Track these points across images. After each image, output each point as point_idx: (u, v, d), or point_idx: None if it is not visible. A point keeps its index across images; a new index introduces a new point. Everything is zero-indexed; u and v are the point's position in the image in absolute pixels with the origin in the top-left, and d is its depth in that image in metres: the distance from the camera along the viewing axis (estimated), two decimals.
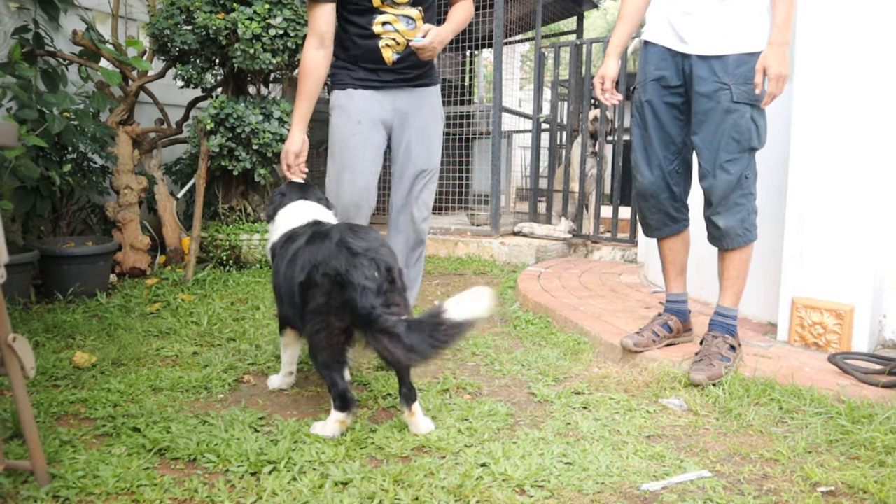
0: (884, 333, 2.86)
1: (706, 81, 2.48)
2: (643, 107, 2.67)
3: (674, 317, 2.83)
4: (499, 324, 3.55)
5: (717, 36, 2.46)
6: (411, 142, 2.77)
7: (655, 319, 2.84)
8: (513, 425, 2.18)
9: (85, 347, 2.84)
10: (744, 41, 2.44)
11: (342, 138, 2.69)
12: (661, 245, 2.84)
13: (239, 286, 4.10)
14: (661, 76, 2.60)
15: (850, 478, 1.80)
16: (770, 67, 2.35)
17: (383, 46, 2.63)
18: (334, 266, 1.96)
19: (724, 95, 2.45)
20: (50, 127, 3.55)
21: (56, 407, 2.20)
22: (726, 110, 2.45)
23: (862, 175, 2.68)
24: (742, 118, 2.45)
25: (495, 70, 5.82)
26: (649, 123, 2.65)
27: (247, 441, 1.94)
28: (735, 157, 2.48)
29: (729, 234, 2.55)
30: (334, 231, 2.09)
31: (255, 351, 2.85)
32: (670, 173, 2.67)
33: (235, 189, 4.84)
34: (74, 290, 3.64)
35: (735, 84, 2.44)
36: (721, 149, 2.48)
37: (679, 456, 1.97)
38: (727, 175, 2.48)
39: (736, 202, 2.51)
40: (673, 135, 2.64)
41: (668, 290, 2.87)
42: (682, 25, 2.52)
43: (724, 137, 2.47)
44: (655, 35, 2.63)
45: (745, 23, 2.44)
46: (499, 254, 5.51)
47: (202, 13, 4.21)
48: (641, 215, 2.81)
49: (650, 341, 2.72)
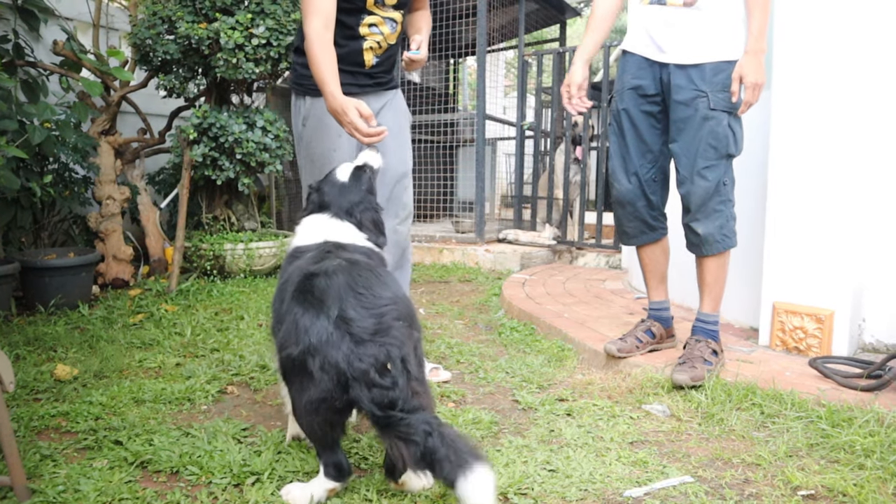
0: (863, 337, 2.89)
1: (683, 89, 2.50)
2: (620, 115, 2.69)
3: (657, 323, 2.85)
4: (483, 331, 3.56)
5: (694, 45, 2.49)
6: (387, 146, 2.63)
7: (638, 325, 2.86)
8: (497, 433, 2.19)
9: (66, 360, 2.82)
10: (720, 49, 2.48)
11: (322, 153, 2.54)
12: (640, 253, 2.85)
13: (223, 296, 4.08)
14: (638, 85, 2.63)
15: (830, 481, 1.82)
16: (746, 76, 2.39)
17: (366, 49, 2.56)
18: (334, 359, 1.54)
19: (701, 103, 2.48)
20: (31, 138, 3.53)
21: (37, 421, 2.18)
22: (704, 117, 2.48)
23: (841, 181, 2.71)
24: (719, 125, 2.48)
25: (478, 78, 5.85)
26: (626, 132, 2.68)
27: (230, 452, 1.93)
28: (713, 164, 2.50)
29: (707, 240, 2.57)
30: (331, 290, 1.61)
31: (239, 361, 2.84)
32: (647, 182, 2.69)
33: (219, 199, 4.83)
34: (56, 302, 3.61)
35: (712, 91, 2.47)
36: (699, 156, 2.50)
37: (662, 461, 1.98)
38: (705, 182, 2.51)
39: (714, 209, 2.54)
40: (650, 143, 2.66)
41: (650, 298, 2.89)
42: (659, 35, 2.55)
43: (702, 144, 2.49)
44: (633, 45, 2.66)
45: (722, 32, 2.47)
46: (484, 261, 5.52)
47: (184, 23, 4.21)
48: (619, 223, 2.82)
49: (633, 347, 2.74)
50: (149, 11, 4.38)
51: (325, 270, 1.69)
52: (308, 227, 2.05)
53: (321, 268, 1.71)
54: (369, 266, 1.77)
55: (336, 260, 1.76)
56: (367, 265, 1.77)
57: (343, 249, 1.90)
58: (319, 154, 2.54)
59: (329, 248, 1.90)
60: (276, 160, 4.55)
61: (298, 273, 1.76)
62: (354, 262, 1.76)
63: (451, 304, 4.17)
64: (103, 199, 4.30)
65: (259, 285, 4.42)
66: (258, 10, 4.27)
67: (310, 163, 2.59)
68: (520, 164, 6.34)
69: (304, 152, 2.61)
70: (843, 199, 2.71)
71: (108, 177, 4.33)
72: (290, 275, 1.82)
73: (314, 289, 1.64)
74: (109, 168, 4.34)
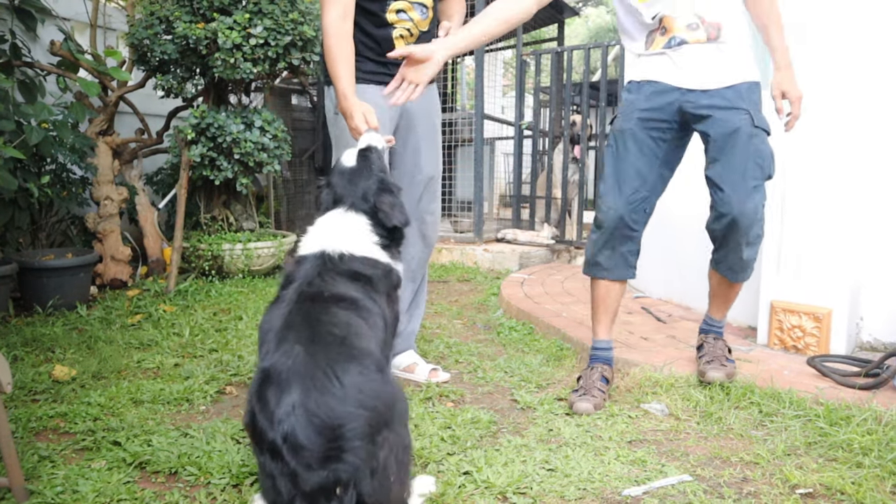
0: (861, 336, 2.90)
1: (724, 109, 2.34)
2: (624, 135, 2.48)
3: (606, 366, 2.56)
4: (482, 331, 3.56)
5: (723, 72, 2.36)
6: (420, 147, 2.58)
7: (590, 374, 2.52)
8: (496, 432, 2.19)
9: (65, 361, 2.81)
10: (747, 71, 2.38)
11: (354, 142, 2.32)
12: (599, 287, 2.57)
13: (221, 296, 4.08)
14: (651, 107, 2.44)
15: (828, 479, 1.82)
16: (789, 91, 2.33)
17: (397, 37, 2.41)
18: (281, 476, 1.37)
19: (745, 119, 2.33)
20: (28, 138, 3.52)
21: (35, 422, 2.18)
22: (749, 135, 2.32)
23: (838, 181, 2.72)
24: (763, 143, 2.34)
25: (477, 78, 5.85)
26: (629, 152, 2.47)
27: (228, 453, 1.93)
28: (759, 184, 2.34)
29: (748, 265, 2.45)
30: (282, 405, 1.38)
31: (238, 362, 2.84)
32: (637, 210, 2.47)
33: (217, 199, 4.83)
34: (54, 303, 3.60)
35: (753, 110, 2.34)
36: (748, 175, 2.31)
37: (660, 460, 1.98)
38: (754, 202, 2.32)
39: (757, 234, 2.38)
40: (646, 171, 2.47)
41: (599, 336, 2.60)
42: (687, 63, 2.39)
43: (750, 163, 2.32)
44: (654, 73, 2.46)
45: (744, 57, 2.40)
46: (482, 260, 5.52)
47: (182, 23, 4.20)
48: (593, 253, 2.54)
49: (602, 400, 2.43)
50: (146, 11, 4.38)
51: (277, 374, 1.43)
52: (316, 228, 1.88)
53: (275, 367, 1.45)
54: (339, 340, 1.51)
55: (296, 349, 1.47)
56: (338, 338, 1.51)
57: (333, 273, 1.70)
58: (351, 144, 2.30)
59: (319, 271, 1.70)
60: (274, 160, 4.54)
61: (269, 335, 1.56)
62: (317, 346, 1.47)
63: (449, 304, 4.17)
64: (101, 199, 4.29)
65: (258, 285, 4.41)
66: (256, 10, 4.26)
67: (341, 151, 2.40)
68: (518, 164, 6.34)
69: (336, 141, 2.52)
70: (841, 197, 2.72)
71: (105, 177, 4.32)
72: (277, 307, 1.63)
73: (266, 400, 1.41)
74: (107, 168, 4.34)
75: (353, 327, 1.57)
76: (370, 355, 1.52)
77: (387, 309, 1.76)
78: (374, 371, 1.49)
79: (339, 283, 1.67)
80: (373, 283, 1.73)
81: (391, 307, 1.80)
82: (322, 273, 1.69)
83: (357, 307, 1.63)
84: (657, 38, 2.43)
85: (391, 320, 1.79)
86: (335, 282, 1.67)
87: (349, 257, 1.75)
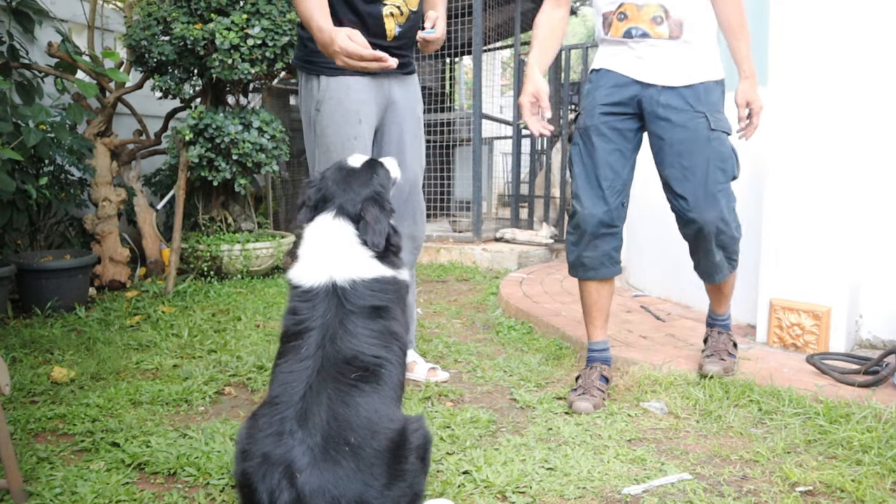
0: (860, 333, 2.90)
1: (680, 111, 2.31)
2: (589, 132, 2.42)
3: (605, 366, 2.55)
4: (481, 330, 3.55)
5: (683, 69, 2.33)
6: (405, 142, 2.46)
7: (589, 373, 2.50)
8: (495, 432, 2.18)
9: (63, 362, 2.81)
10: (707, 70, 2.36)
11: (342, 141, 2.27)
12: (587, 288, 2.54)
13: (220, 297, 4.08)
14: (613, 101, 2.40)
15: (828, 477, 1.82)
16: (753, 101, 2.34)
17: (387, 15, 2.27)
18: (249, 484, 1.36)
19: (701, 123, 2.30)
20: (26, 140, 3.51)
21: (33, 423, 2.18)
22: (707, 138, 2.30)
23: (836, 178, 2.71)
24: (723, 146, 2.32)
25: (475, 77, 5.85)
26: (597, 149, 2.40)
27: (227, 453, 1.93)
28: (723, 188, 2.30)
29: (720, 268, 2.45)
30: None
31: (237, 362, 2.83)
32: (615, 206, 2.41)
33: (215, 199, 4.82)
34: (53, 305, 3.60)
35: (709, 112, 2.32)
36: (709, 180, 2.29)
37: (660, 459, 1.98)
38: (717, 208, 2.30)
39: (731, 236, 2.37)
40: (618, 166, 2.41)
41: (593, 338, 2.58)
42: (646, 54, 2.35)
43: (710, 167, 2.29)
44: (613, 63, 2.42)
45: (706, 55, 2.37)
46: (481, 260, 5.52)
47: (179, 24, 4.20)
48: (575, 254, 2.48)
49: (602, 399, 2.41)
50: (144, 13, 4.38)
51: (288, 464, 1.34)
52: (310, 245, 1.72)
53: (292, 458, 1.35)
54: (353, 450, 1.39)
55: (302, 449, 1.36)
56: (351, 448, 1.38)
57: (352, 316, 1.59)
58: (337, 142, 2.29)
59: (339, 317, 1.58)
60: (272, 160, 4.54)
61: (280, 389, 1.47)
62: (326, 460, 1.36)
63: (448, 304, 4.16)
64: (99, 200, 4.29)
65: (256, 286, 4.41)
66: (253, 11, 4.27)
67: (325, 152, 2.32)
68: (516, 163, 6.34)
69: (318, 140, 2.33)
70: (839, 195, 2.71)
71: (104, 178, 4.32)
72: (298, 358, 1.53)
73: (272, 487, 1.33)
74: (105, 170, 4.34)
75: (372, 426, 1.44)
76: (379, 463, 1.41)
77: (402, 322, 1.70)
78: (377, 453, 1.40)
79: (359, 334, 1.57)
80: (390, 312, 1.66)
81: (405, 318, 1.76)
82: (343, 319, 1.58)
83: (379, 379, 1.53)
84: (615, 23, 2.36)
85: (405, 330, 1.73)
86: (356, 333, 1.57)
87: (361, 285, 1.64)
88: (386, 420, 1.45)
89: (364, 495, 1.34)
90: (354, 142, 2.29)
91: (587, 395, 2.38)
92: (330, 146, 2.29)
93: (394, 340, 1.62)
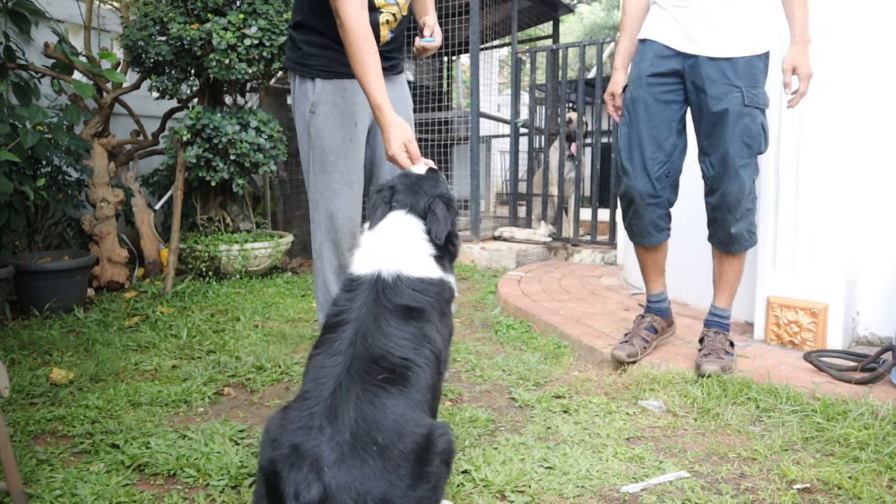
0: (857, 330, 2.91)
1: (717, 84, 2.40)
2: (636, 103, 2.55)
3: (657, 317, 2.82)
4: (480, 329, 3.56)
5: (727, 37, 2.39)
6: None
7: (640, 323, 2.80)
8: (494, 431, 2.19)
9: (62, 364, 2.81)
10: (752, 43, 2.40)
11: (337, 144, 2.27)
12: (640, 252, 2.79)
13: (219, 297, 4.08)
14: (658, 72, 2.51)
15: (826, 474, 1.83)
16: (801, 67, 2.34)
17: (383, 22, 2.25)
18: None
19: (735, 98, 2.38)
20: (23, 141, 3.51)
21: (33, 425, 2.18)
22: (739, 114, 2.38)
23: (832, 174, 2.72)
24: (753, 122, 2.39)
25: (472, 76, 5.84)
26: (641, 121, 2.53)
27: (227, 454, 1.94)
28: (747, 162, 2.42)
29: (738, 239, 2.53)
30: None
31: (236, 363, 2.83)
32: (658, 178, 2.55)
33: (213, 200, 4.82)
34: (51, 306, 3.60)
35: (746, 87, 2.38)
36: (735, 154, 2.40)
37: (658, 457, 1.98)
38: (740, 181, 2.42)
39: (747, 208, 2.48)
40: (663, 137, 2.53)
41: (649, 291, 2.83)
42: (690, 25, 2.44)
43: (737, 142, 2.39)
44: (657, 33, 2.53)
45: (753, 24, 2.40)
46: (479, 259, 5.52)
47: (176, 24, 4.20)
48: (625, 220, 2.69)
49: (641, 349, 2.67)
50: (140, 13, 4.37)
51: (315, 457, 1.36)
52: (376, 233, 1.79)
53: (319, 452, 1.37)
54: (380, 450, 1.40)
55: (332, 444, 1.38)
56: (379, 449, 1.39)
57: (387, 314, 1.61)
58: (333, 145, 2.27)
59: (374, 314, 1.60)
60: (270, 160, 4.54)
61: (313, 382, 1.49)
62: (353, 461, 1.38)
63: None
64: (97, 201, 4.29)
65: (255, 286, 4.41)
66: (250, 11, 4.26)
67: (321, 154, 2.30)
68: (514, 162, 6.35)
69: (313, 143, 2.31)
70: (836, 192, 2.72)
71: (101, 179, 4.32)
72: (330, 352, 1.55)
73: (298, 479, 1.35)
74: (103, 170, 4.33)
75: (399, 429, 1.44)
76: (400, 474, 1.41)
77: (440, 326, 1.70)
78: None
79: (391, 334, 1.58)
80: (425, 315, 1.66)
81: (445, 322, 1.75)
82: (377, 317, 1.60)
83: (406, 382, 1.53)
84: None
85: (446, 335, 1.74)
86: (388, 332, 1.58)
87: (404, 281, 1.67)
88: (412, 424, 1.46)
89: (389, 494, 1.35)
90: (350, 144, 2.29)
91: (627, 344, 2.67)
92: (326, 149, 2.29)
93: (426, 344, 1.62)
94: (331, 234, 2.34)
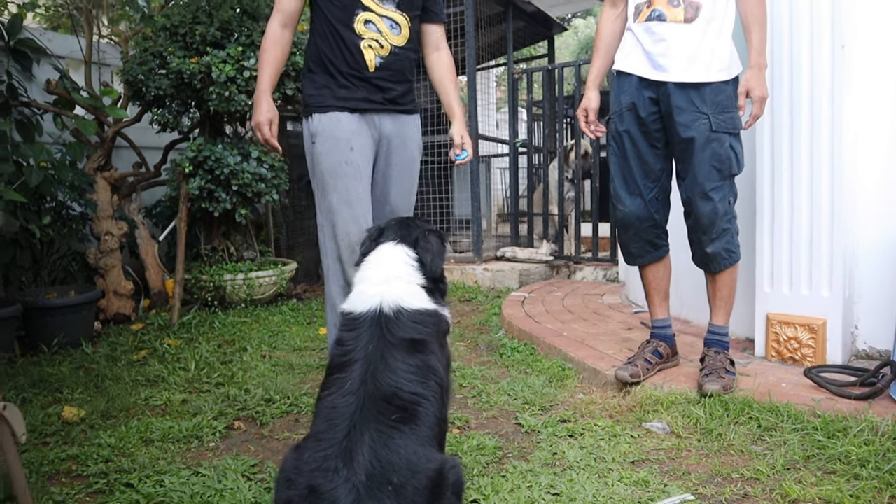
0: (856, 344, 2.94)
1: (684, 111, 2.51)
2: (621, 136, 2.69)
3: (662, 342, 2.86)
4: (485, 352, 3.59)
5: (692, 63, 2.49)
6: (390, 178, 2.54)
7: (645, 347, 2.85)
8: (501, 458, 2.22)
9: (73, 401, 2.85)
10: (719, 70, 2.49)
11: (333, 166, 2.39)
12: (643, 272, 2.86)
13: (225, 327, 4.11)
14: (635, 105, 2.62)
15: (827, 492, 1.86)
16: (754, 90, 2.44)
17: (365, 47, 2.40)
18: None
19: (702, 125, 2.49)
20: (28, 180, 3.56)
21: (47, 465, 2.21)
22: (707, 139, 2.49)
23: (827, 188, 2.75)
24: (721, 147, 2.50)
25: (469, 99, 5.91)
26: (628, 153, 2.68)
27: (240, 490, 1.97)
28: (717, 185, 2.52)
29: (716, 258, 2.62)
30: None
31: (245, 395, 2.87)
32: (651, 201, 2.70)
33: (217, 230, 4.87)
34: (59, 342, 3.63)
35: (713, 113, 2.48)
36: (704, 178, 2.52)
37: (662, 480, 2.02)
38: (711, 203, 2.53)
39: (722, 228, 2.57)
40: (651, 163, 2.67)
41: (654, 317, 2.90)
42: (657, 53, 2.53)
43: (706, 167, 2.50)
44: (629, 65, 2.64)
45: (719, 50, 2.50)
46: (482, 280, 5.56)
47: (175, 58, 4.27)
48: (623, 245, 2.83)
49: (644, 370, 2.73)
50: (140, 48, 4.45)
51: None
52: (370, 266, 1.84)
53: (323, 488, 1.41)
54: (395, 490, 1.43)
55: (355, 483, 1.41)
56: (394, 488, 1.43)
57: (393, 349, 1.65)
58: (329, 168, 2.40)
59: (381, 350, 1.64)
60: (272, 189, 4.60)
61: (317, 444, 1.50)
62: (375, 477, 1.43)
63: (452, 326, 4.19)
64: (101, 234, 4.34)
65: (260, 315, 4.45)
66: (248, 43, 4.33)
67: (321, 178, 2.44)
68: (514, 183, 6.40)
69: (314, 170, 2.47)
70: (831, 207, 2.75)
71: (105, 212, 4.37)
72: (342, 391, 1.58)
73: None
74: (106, 203, 4.39)
75: (412, 467, 1.48)
76: None
77: (441, 357, 1.74)
78: None
79: (399, 369, 1.62)
80: (428, 346, 1.71)
81: (444, 353, 1.79)
82: (384, 353, 1.64)
83: (416, 419, 1.56)
84: (643, 11, 2.58)
85: (446, 365, 1.78)
86: (396, 368, 1.61)
87: (405, 315, 1.72)
88: (424, 460, 1.49)
89: None
90: (346, 166, 2.40)
91: (631, 365, 2.74)
92: (324, 172, 2.42)
93: (431, 375, 1.65)
94: (335, 252, 2.44)
